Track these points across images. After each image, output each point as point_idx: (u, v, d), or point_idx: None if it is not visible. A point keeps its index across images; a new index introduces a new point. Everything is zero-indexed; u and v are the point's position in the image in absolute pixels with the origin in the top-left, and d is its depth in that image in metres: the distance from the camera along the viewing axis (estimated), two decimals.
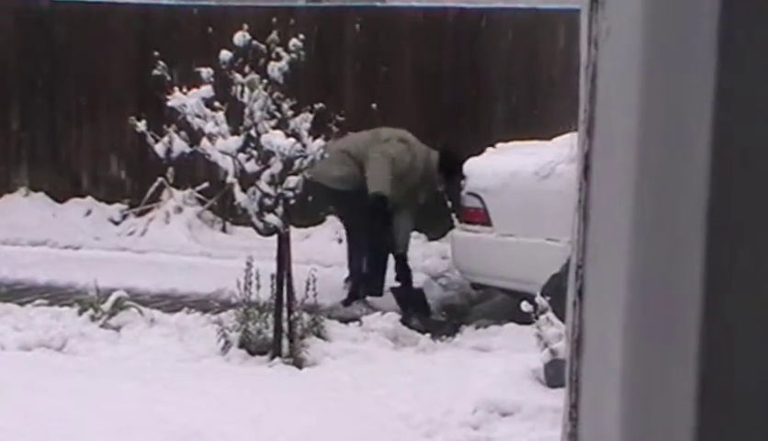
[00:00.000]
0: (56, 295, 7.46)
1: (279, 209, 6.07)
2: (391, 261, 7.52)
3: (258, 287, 6.08)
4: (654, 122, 0.58)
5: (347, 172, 7.26)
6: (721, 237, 0.56)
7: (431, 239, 8.87)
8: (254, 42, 6.23)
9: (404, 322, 6.75)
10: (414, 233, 8.25)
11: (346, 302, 7.39)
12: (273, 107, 6.14)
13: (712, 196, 0.56)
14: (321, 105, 6.33)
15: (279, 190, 6.05)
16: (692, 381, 0.57)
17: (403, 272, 7.48)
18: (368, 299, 7.43)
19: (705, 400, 0.56)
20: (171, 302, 7.39)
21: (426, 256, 8.23)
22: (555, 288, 6.34)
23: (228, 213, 9.37)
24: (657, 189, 0.58)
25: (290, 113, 6.18)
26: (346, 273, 7.76)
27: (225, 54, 6.14)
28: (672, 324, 0.58)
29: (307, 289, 6.19)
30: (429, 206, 8.09)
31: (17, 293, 7.58)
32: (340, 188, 7.24)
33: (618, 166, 0.60)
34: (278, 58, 6.22)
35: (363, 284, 7.45)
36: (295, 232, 6.60)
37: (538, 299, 5.40)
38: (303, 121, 6.16)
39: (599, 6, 0.63)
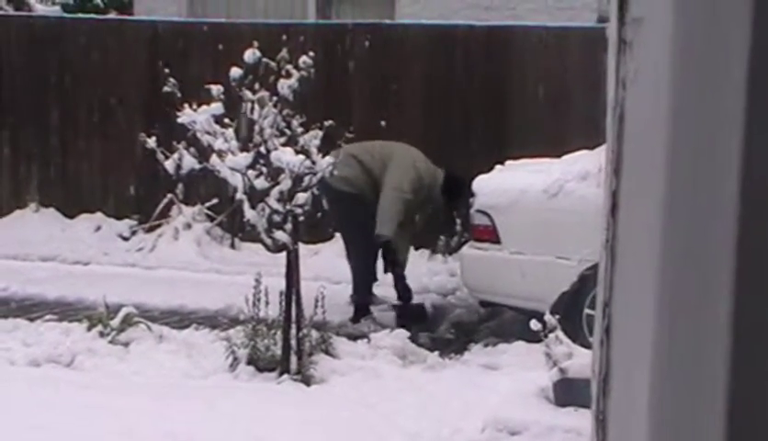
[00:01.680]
0: (65, 311, 7.47)
1: (288, 226, 6.07)
2: (390, 278, 7.57)
3: (267, 303, 6.08)
4: (682, 164, 0.59)
5: (352, 174, 7.32)
6: (750, 282, 0.57)
7: (435, 252, 8.90)
8: (264, 59, 6.25)
9: (413, 339, 6.74)
10: (420, 251, 8.27)
11: (355, 319, 7.40)
12: (282, 124, 6.15)
13: (740, 240, 0.56)
14: (330, 122, 6.35)
15: (288, 207, 6.06)
16: (720, 426, 0.57)
17: (404, 290, 7.54)
18: (375, 315, 7.45)
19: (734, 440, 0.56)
20: (179, 318, 7.39)
21: (435, 273, 8.22)
22: (564, 307, 6.34)
23: (237, 229, 9.39)
24: (685, 231, 0.59)
25: (300, 130, 6.20)
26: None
27: (235, 71, 6.16)
28: (701, 367, 0.58)
29: (315, 306, 6.19)
30: (436, 220, 8.16)
31: (27, 308, 7.59)
32: (341, 188, 7.27)
33: (646, 206, 0.60)
34: (288, 75, 6.24)
35: (355, 286, 7.50)
36: (304, 249, 6.61)
37: (547, 317, 5.38)
38: (313, 138, 6.17)
39: (627, 48, 0.63)
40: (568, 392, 5.02)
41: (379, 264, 7.63)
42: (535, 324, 5.39)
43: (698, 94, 0.58)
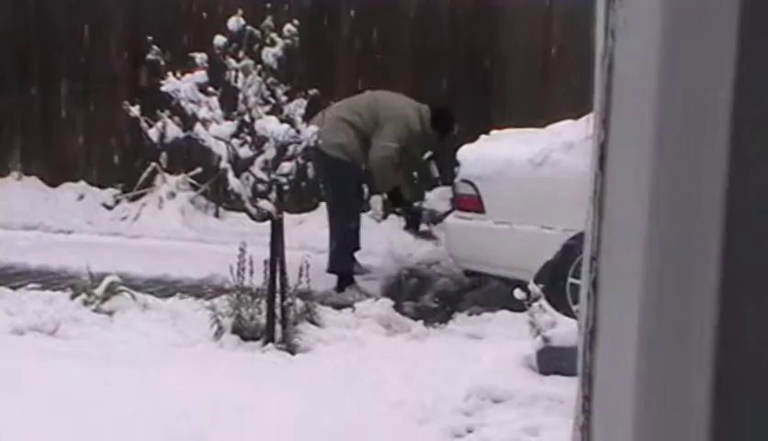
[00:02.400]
0: (49, 279, 7.45)
1: (273, 195, 6.05)
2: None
3: (251, 272, 6.08)
4: (672, 113, 0.58)
5: (346, 140, 7.38)
6: (739, 231, 0.56)
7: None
8: (249, 27, 6.20)
9: (398, 308, 6.76)
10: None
11: (339, 288, 7.41)
12: (267, 92, 6.12)
13: (730, 188, 0.56)
14: (315, 90, 6.31)
15: (273, 176, 6.03)
16: (706, 376, 0.56)
17: (414, 215, 7.89)
18: (359, 284, 7.47)
19: (719, 395, 0.56)
20: (164, 287, 7.37)
21: (420, 243, 8.23)
22: (549, 276, 6.36)
23: (221, 199, 9.36)
24: (674, 181, 0.58)
25: (284, 99, 6.16)
26: None
27: (219, 39, 6.11)
28: (688, 319, 0.57)
29: (300, 275, 6.18)
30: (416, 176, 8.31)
31: (10, 277, 7.56)
32: (334, 155, 7.28)
33: (635, 158, 0.60)
34: (273, 43, 6.20)
35: (332, 256, 7.52)
36: (288, 218, 6.60)
37: (531, 286, 5.40)
38: (297, 107, 6.14)
39: None
40: (551, 361, 5.05)
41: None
42: (519, 293, 5.41)
43: (689, 41, 0.57)
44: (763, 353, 0.57)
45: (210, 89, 6.08)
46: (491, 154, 7.00)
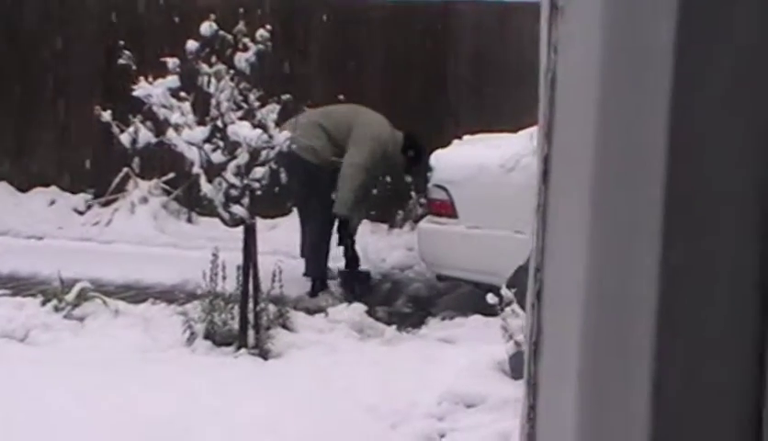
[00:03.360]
0: (19, 285, 7.40)
1: (245, 200, 6.05)
2: (337, 246, 7.67)
3: (224, 278, 6.07)
4: (612, 127, 0.59)
5: (319, 145, 7.34)
6: (677, 241, 0.57)
7: (392, 226, 8.94)
8: (221, 32, 6.20)
9: (370, 313, 6.77)
10: (377, 225, 8.32)
11: (312, 293, 7.41)
12: (239, 97, 6.12)
13: (668, 200, 0.57)
14: (287, 96, 6.32)
15: (245, 181, 6.03)
16: (647, 384, 0.57)
17: (354, 256, 7.67)
18: (333, 289, 7.48)
19: (659, 402, 0.57)
20: (136, 293, 7.35)
21: (393, 247, 8.25)
22: (521, 280, 6.39)
23: (194, 204, 9.33)
24: (614, 194, 0.59)
25: (257, 104, 6.16)
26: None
27: (192, 44, 6.11)
28: (629, 328, 0.59)
29: (273, 280, 6.18)
30: (393, 194, 8.21)
31: None
32: (307, 158, 7.25)
33: (576, 171, 0.61)
34: (245, 48, 6.20)
35: (307, 260, 7.52)
36: (261, 223, 6.59)
37: (504, 290, 5.42)
38: (270, 112, 6.14)
39: (559, 12, 0.64)
40: (524, 365, 5.06)
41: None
42: (491, 298, 5.42)
43: (628, 57, 0.58)
44: (703, 359, 0.59)
45: (183, 94, 6.07)
46: (464, 159, 7.03)
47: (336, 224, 7.60)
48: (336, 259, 7.79)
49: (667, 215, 0.57)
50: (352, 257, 7.69)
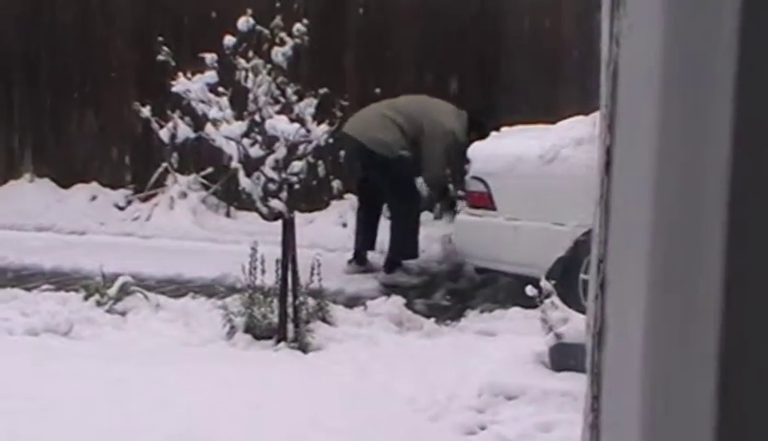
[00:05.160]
0: (62, 280, 7.48)
1: (284, 194, 6.07)
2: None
3: (263, 271, 6.09)
4: (675, 117, 0.59)
5: (391, 138, 7.46)
6: (742, 232, 0.57)
7: (436, 218, 8.97)
8: (258, 27, 6.23)
9: (409, 306, 6.78)
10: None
11: (388, 269, 7.52)
12: (277, 92, 6.14)
13: (733, 190, 0.57)
14: (325, 89, 6.33)
15: (284, 175, 6.06)
16: (712, 376, 0.57)
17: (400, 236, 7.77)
18: (405, 264, 7.60)
19: (725, 396, 0.57)
20: (176, 287, 7.40)
21: (433, 240, 8.24)
22: (560, 272, 6.36)
23: (232, 198, 9.38)
24: (678, 184, 0.59)
25: (294, 98, 6.18)
26: (349, 255, 7.88)
27: (229, 39, 6.14)
28: (693, 320, 0.59)
29: (311, 274, 6.20)
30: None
31: (24, 278, 7.60)
32: (379, 151, 7.39)
33: (640, 161, 0.61)
34: (282, 43, 6.22)
35: (399, 250, 7.60)
36: (299, 217, 6.62)
37: (543, 282, 5.40)
38: (307, 106, 6.16)
39: (621, 3, 0.64)
40: (564, 357, 5.05)
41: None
42: (530, 290, 5.41)
43: (690, 47, 0.58)
44: (767, 350, 0.58)
45: (221, 89, 6.11)
46: (502, 151, 7.00)
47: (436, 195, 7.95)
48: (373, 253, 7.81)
49: (731, 202, 0.57)
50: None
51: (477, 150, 7.15)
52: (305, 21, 6.46)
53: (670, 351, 0.60)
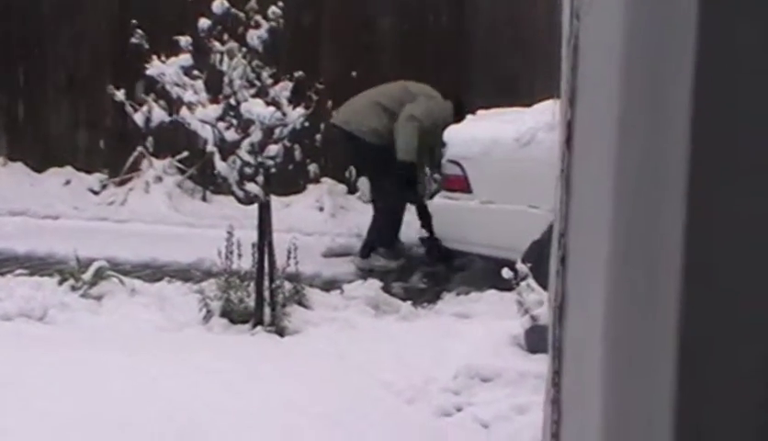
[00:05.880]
0: (36, 265, 7.44)
1: (260, 178, 6.05)
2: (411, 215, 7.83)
3: (239, 255, 6.09)
4: (635, 92, 0.59)
5: (382, 126, 7.45)
6: (703, 205, 0.58)
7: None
8: (233, 10, 6.19)
9: (386, 289, 6.79)
10: None
11: (363, 254, 7.53)
12: (252, 75, 6.11)
13: (693, 164, 0.57)
14: (300, 73, 6.31)
15: (259, 159, 6.03)
16: (672, 348, 0.58)
17: (428, 220, 7.70)
18: (381, 250, 7.60)
19: (684, 366, 0.58)
20: (152, 272, 7.38)
21: (407, 224, 8.25)
22: (536, 255, 6.38)
23: (208, 182, 9.35)
24: (638, 158, 0.59)
25: (270, 81, 6.15)
26: (335, 240, 7.97)
27: (204, 22, 6.10)
28: (653, 293, 0.59)
29: (288, 258, 6.20)
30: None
31: None
32: (372, 141, 7.40)
33: (600, 135, 0.61)
34: (257, 26, 6.19)
35: (378, 236, 7.60)
36: (275, 201, 6.60)
37: (519, 265, 5.42)
38: (283, 90, 6.13)
39: None
40: (539, 339, 5.07)
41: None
42: (506, 273, 5.43)
43: (651, 22, 0.58)
44: (729, 323, 0.59)
45: (195, 72, 6.07)
46: (478, 135, 7.02)
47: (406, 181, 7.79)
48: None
49: (692, 174, 0.57)
50: (427, 221, 7.74)
51: (453, 133, 7.15)
52: (280, 4, 6.42)
53: (630, 324, 0.60)
